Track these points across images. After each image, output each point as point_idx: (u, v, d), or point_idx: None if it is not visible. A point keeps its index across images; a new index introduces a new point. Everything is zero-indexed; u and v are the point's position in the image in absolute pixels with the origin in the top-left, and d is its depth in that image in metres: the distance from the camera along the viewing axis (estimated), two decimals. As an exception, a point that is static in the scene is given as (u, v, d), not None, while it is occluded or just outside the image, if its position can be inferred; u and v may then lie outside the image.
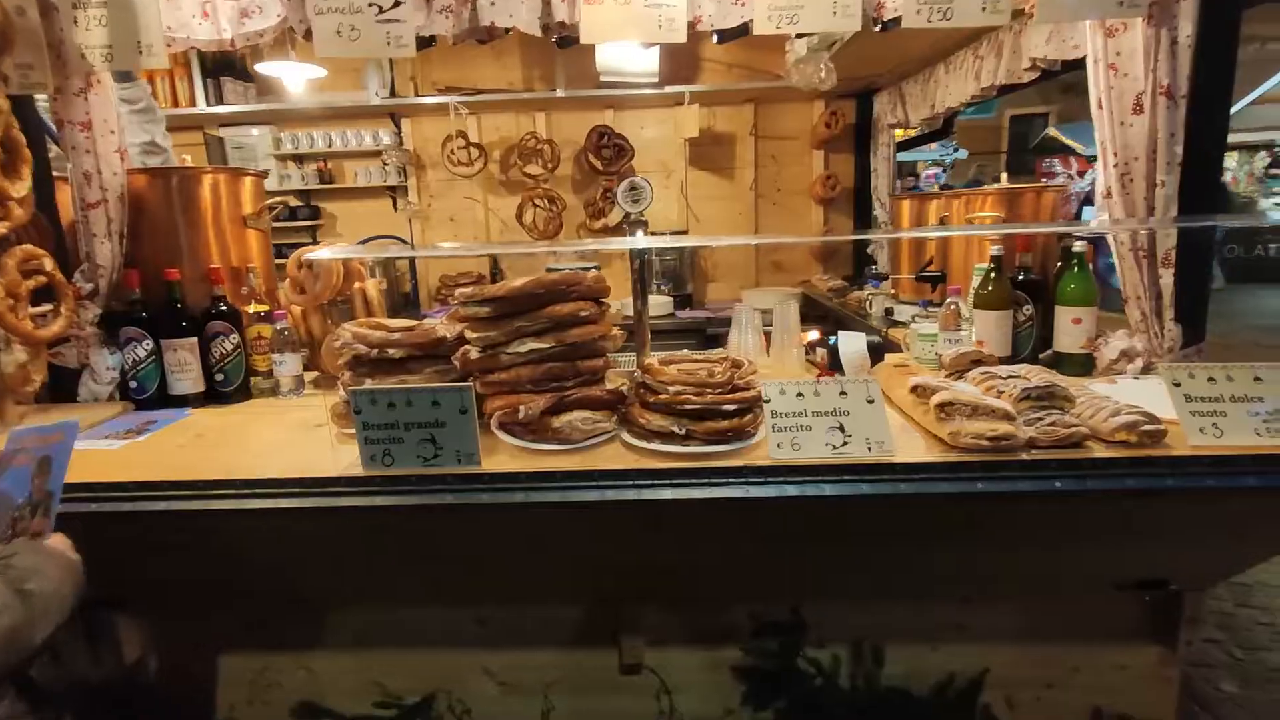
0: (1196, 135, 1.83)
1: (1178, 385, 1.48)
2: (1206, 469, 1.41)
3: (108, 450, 1.71)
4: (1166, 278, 1.89)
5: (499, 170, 5.00)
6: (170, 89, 4.55)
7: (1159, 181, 1.85)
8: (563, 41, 2.02)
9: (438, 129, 4.83)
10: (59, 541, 1.11)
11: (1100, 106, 1.89)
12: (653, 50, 4.31)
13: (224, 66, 4.64)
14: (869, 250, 4.68)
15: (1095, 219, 1.95)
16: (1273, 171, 14.07)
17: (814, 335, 2.00)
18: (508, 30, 1.91)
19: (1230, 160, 13.22)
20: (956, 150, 13.58)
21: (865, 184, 4.86)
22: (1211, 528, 1.58)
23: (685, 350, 1.90)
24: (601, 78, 4.31)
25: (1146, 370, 1.96)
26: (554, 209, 4.81)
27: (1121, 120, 1.87)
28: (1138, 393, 1.68)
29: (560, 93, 4.55)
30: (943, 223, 2.82)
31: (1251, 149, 13.33)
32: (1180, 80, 1.81)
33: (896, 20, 1.83)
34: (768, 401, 1.49)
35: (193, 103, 4.60)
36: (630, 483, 1.45)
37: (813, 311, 4.13)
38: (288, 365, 2.15)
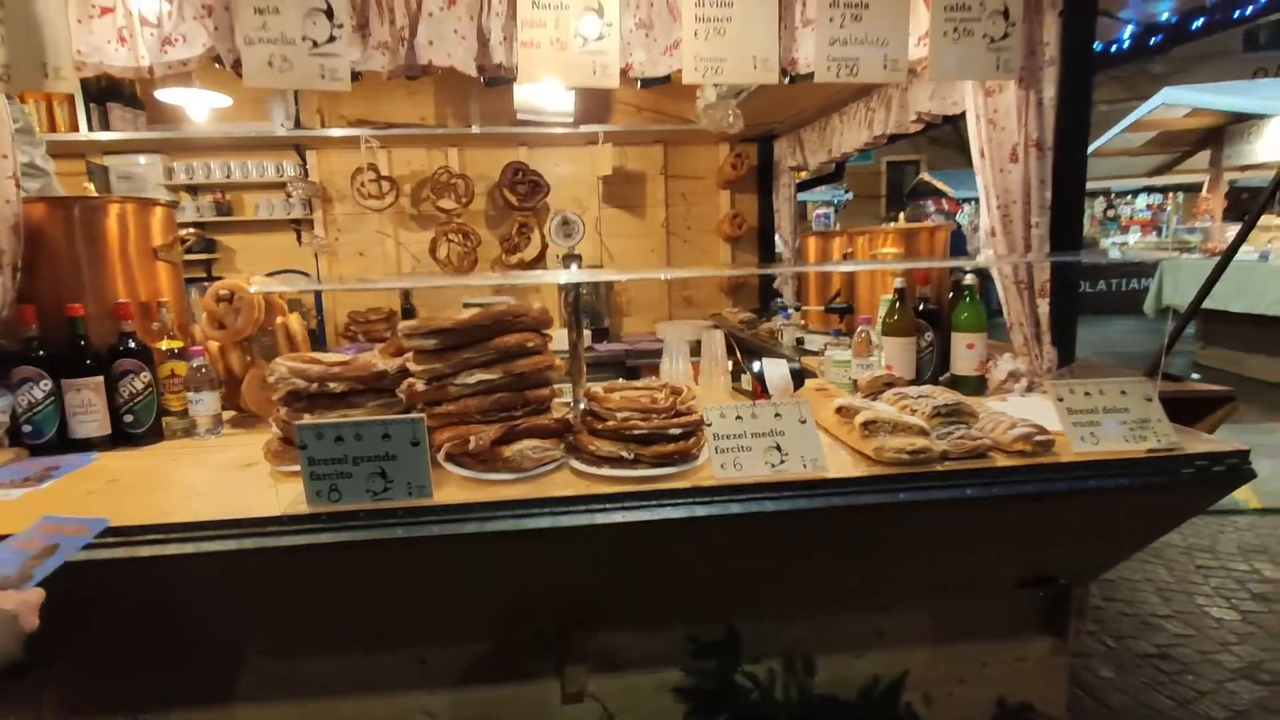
0: (1061, 181, 2.11)
1: (1061, 400, 1.69)
2: (1089, 472, 1.61)
3: (4, 501, 1.58)
4: (1043, 306, 2.14)
5: (410, 204, 4.94)
6: (48, 113, 4.24)
7: (1034, 222, 2.12)
8: (492, 81, 2.08)
9: (346, 162, 4.73)
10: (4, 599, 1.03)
11: (982, 155, 2.15)
12: (570, 90, 4.44)
13: (110, 91, 4.37)
14: (774, 285, 4.95)
15: (982, 254, 2.19)
16: (1109, 214, 16.04)
17: (756, 365, 2.12)
18: (442, 69, 1.95)
19: (1076, 205, 15.05)
20: (846, 193, 14.61)
21: (769, 222, 5.15)
22: (1093, 525, 1.79)
23: (621, 380, 1.96)
24: (519, 115, 4.39)
25: (1030, 389, 2.21)
26: (468, 244, 4.80)
27: (1000, 168, 2.13)
28: (1026, 409, 1.90)
29: (476, 129, 4.58)
30: (846, 258, 3.06)
31: (1092, 195, 15.17)
32: (1047, 134, 2.09)
33: (809, 75, 2.01)
34: (709, 425, 1.58)
35: (74, 128, 4.29)
36: (582, 508, 1.49)
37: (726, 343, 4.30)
38: (205, 404, 2.05)
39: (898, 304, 2.22)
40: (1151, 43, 2.72)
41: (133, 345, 1.99)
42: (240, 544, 1.40)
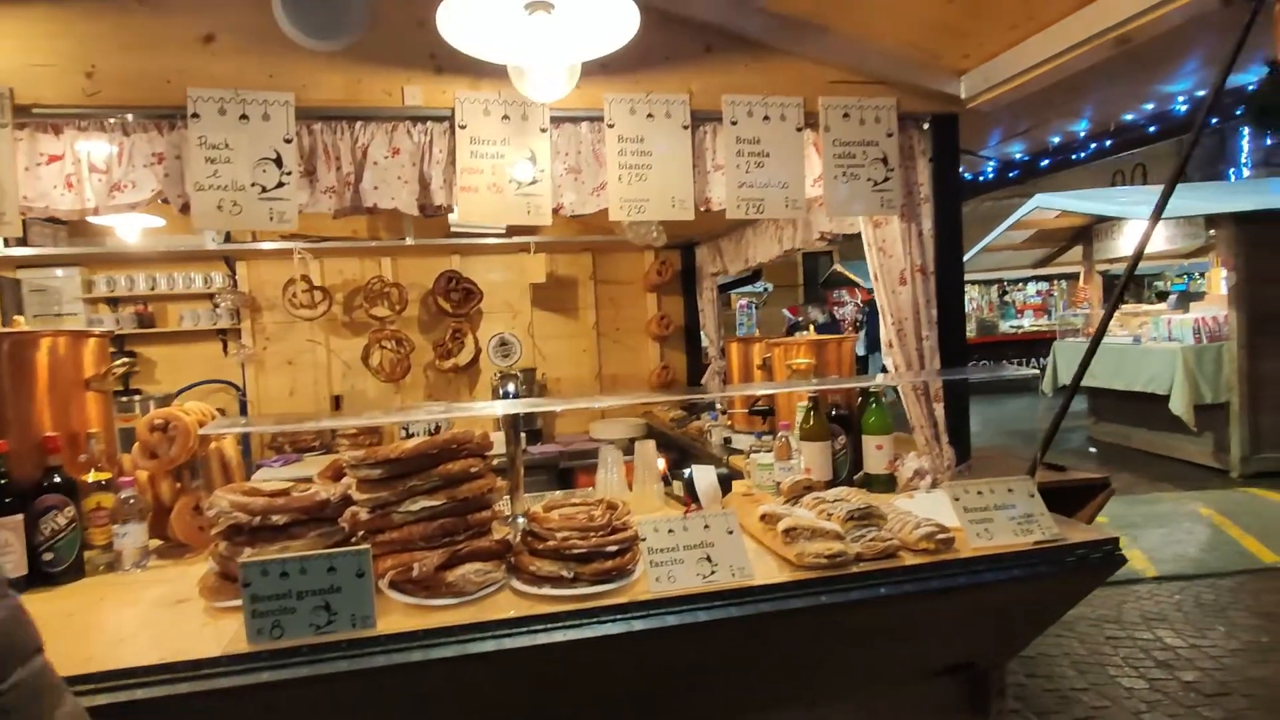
0: (944, 300, 2.40)
1: (957, 499, 1.88)
2: (985, 566, 1.79)
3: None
4: (939, 410, 2.39)
5: (343, 312, 4.98)
6: (-39, 230, 4.14)
7: (924, 335, 2.39)
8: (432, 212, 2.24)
9: (277, 272, 4.76)
10: None
11: (876, 279, 2.43)
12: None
13: (30, 207, 4.32)
14: (703, 382, 5.18)
15: (883, 363, 2.44)
16: (1005, 300, 17.49)
17: (690, 471, 2.26)
18: (385, 210, 2.10)
19: (974, 291, 16.42)
20: (765, 289, 15.51)
21: (694, 321, 5.45)
22: (995, 613, 1.96)
23: (558, 493, 2.06)
24: (453, 228, 4.57)
25: (934, 485, 2.42)
26: (402, 350, 4.85)
27: (892, 290, 2.41)
28: (931, 506, 2.09)
29: (410, 240, 4.72)
30: (764, 364, 3.30)
31: (988, 284, 16.59)
32: (929, 260, 2.39)
33: (722, 211, 2.26)
34: (644, 540, 1.68)
35: (-13, 243, 4.20)
36: (525, 629, 1.55)
37: (658, 440, 4.45)
38: (132, 536, 2.01)
39: (812, 411, 2.42)
40: (1011, 175, 3.17)
41: (58, 480, 1.95)
42: (176, 689, 1.39)
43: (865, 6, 2.18)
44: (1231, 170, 12.32)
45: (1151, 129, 8.56)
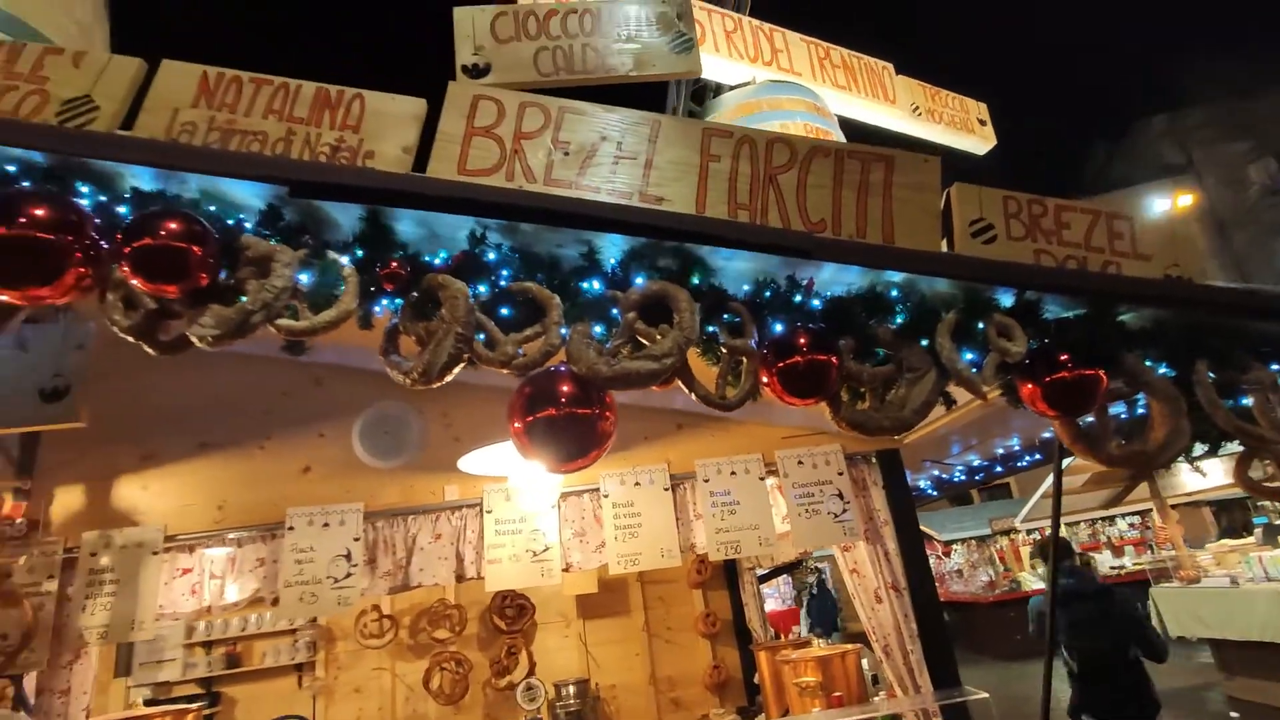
0: (922, 614, 2.64)
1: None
2: None
3: None
4: (939, 726, 2.49)
5: (408, 635, 5.34)
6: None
7: (909, 649, 2.59)
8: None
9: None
10: None
11: (855, 598, 2.71)
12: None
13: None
14: (755, 680, 5.13)
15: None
16: (1095, 538, 16.40)
17: None
18: (430, 584, 2.59)
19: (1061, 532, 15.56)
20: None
21: (740, 615, 5.54)
22: None
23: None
24: (503, 550, 5.08)
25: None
26: (460, 670, 5.08)
27: (871, 608, 2.67)
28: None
29: (468, 564, 5.22)
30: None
31: (1071, 524, 15.77)
32: (899, 577, 2.68)
33: (705, 553, 2.67)
34: None
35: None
36: None
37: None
38: None
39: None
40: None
41: None
42: None
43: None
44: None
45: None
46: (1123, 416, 1.98)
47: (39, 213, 1.45)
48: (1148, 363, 1.67)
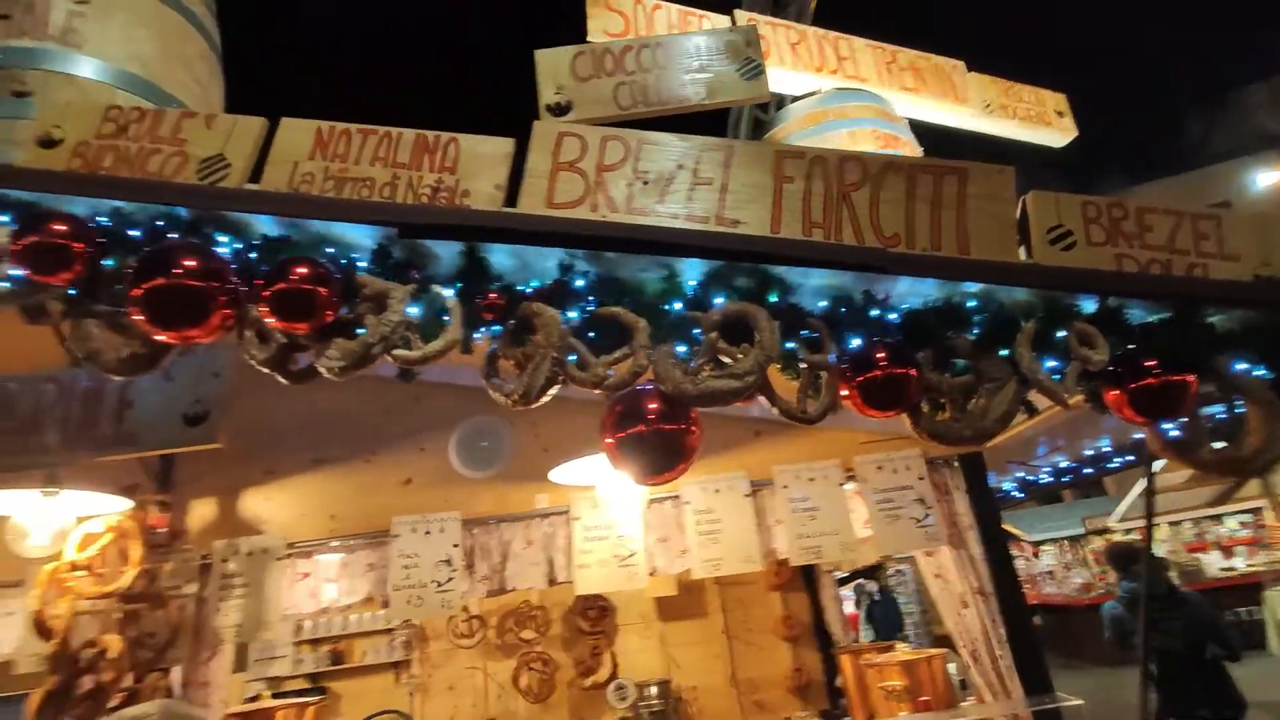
0: (1012, 620, 2.62)
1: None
2: None
3: None
4: (1031, 732, 2.47)
5: (496, 635, 5.57)
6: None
7: (998, 655, 2.57)
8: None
9: (444, 605, 5.53)
10: None
11: (939, 605, 2.71)
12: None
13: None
14: (837, 684, 5.11)
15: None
16: (1201, 538, 15.33)
17: None
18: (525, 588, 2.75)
19: (1163, 532, 14.61)
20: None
21: (819, 618, 5.53)
22: None
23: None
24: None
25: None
26: (547, 670, 5.27)
27: (957, 613, 2.67)
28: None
29: (551, 567, 5.41)
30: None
31: (1174, 524, 14.80)
32: (985, 583, 2.67)
33: (786, 559, 2.73)
34: None
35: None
36: None
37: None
38: None
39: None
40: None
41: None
42: None
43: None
44: None
45: None
46: (1219, 416, 1.94)
47: (190, 263, 1.66)
48: (1242, 365, 1.64)
